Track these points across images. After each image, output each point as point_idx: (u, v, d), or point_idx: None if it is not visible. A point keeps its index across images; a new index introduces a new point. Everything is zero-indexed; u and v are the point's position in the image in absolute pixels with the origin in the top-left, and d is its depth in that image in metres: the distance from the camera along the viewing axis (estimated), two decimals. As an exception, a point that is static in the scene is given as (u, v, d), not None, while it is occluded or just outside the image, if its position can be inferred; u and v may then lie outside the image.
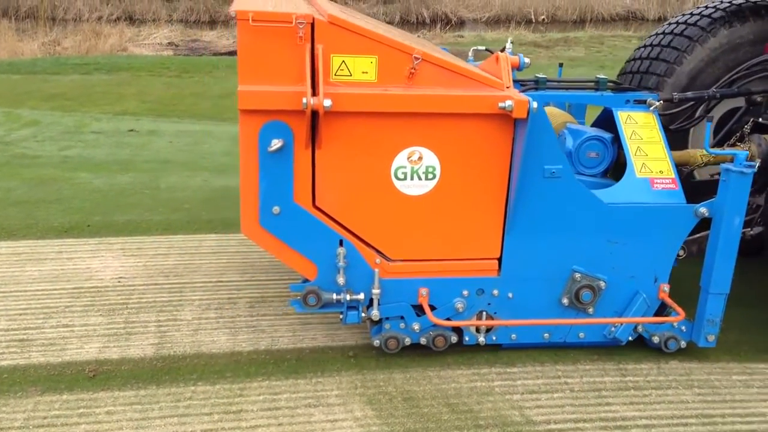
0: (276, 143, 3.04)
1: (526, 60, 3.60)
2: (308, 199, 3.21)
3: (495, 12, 29.22)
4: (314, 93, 2.95)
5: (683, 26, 4.50)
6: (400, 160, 3.20)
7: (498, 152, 3.25)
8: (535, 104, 3.06)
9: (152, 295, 4.08)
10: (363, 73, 3.08)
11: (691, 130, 4.37)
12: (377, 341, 3.49)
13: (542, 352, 3.66)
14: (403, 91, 3.10)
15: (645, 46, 4.64)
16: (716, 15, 4.45)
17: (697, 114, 4.17)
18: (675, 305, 3.54)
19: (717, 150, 3.70)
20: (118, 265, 4.45)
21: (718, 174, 3.68)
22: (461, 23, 28.21)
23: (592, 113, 4.21)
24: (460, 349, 3.63)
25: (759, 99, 4.23)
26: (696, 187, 3.99)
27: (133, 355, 3.48)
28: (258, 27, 2.94)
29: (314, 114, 2.96)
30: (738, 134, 4.17)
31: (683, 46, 4.37)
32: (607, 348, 3.72)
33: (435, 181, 3.25)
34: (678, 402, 3.31)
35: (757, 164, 3.60)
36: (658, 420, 3.16)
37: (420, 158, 3.21)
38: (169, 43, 18.68)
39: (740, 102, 4.38)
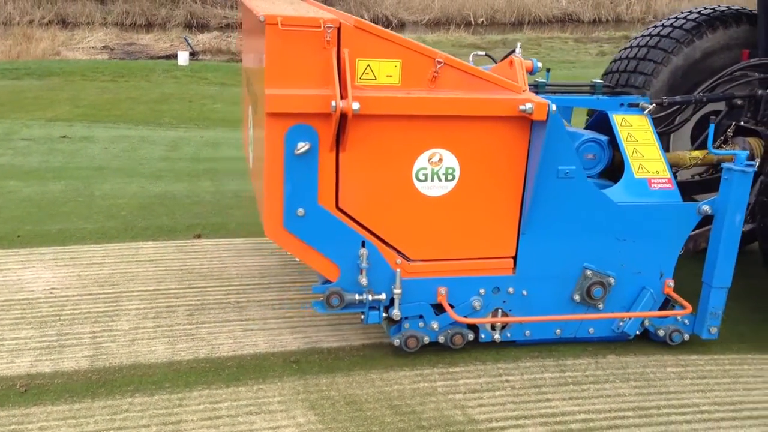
0: (303, 146, 3.06)
1: (539, 64, 3.68)
2: (332, 201, 3.23)
3: (435, 14, 29.47)
4: (342, 96, 2.98)
5: (669, 29, 4.70)
6: (422, 161, 3.27)
7: (515, 153, 3.34)
8: (554, 107, 3.17)
9: (86, 306, 3.96)
10: (387, 76, 3.13)
11: (672, 132, 4.52)
12: (397, 340, 3.52)
13: (483, 351, 3.69)
14: (426, 94, 3.16)
15: (631, 47, 4.84)
16: (700, 19, 4.67)
17: (680, 118, 4.34)
18: (681, 299, 3.69)
19: (720, 150, 3.87)
20: (50, 276, 4.31)
21: (699, 175, 3.82)
22: (402, 25, 28.35)
23: (577, 116, 4.27)
24: (403, 351, 3.63)
25: (740, 102, 4.40)
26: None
27: (66, 368, 3.37)
28: (287, 31, 2.96)
29: (342, 117, 3.00)
30: (722, 137, 4.31)
31: (669, 47, 4.57)
32: (547, 345, 3.78)
33: (454, 182, 3.33)
34: (615, 395, 3.38)
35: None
36: (596, 414, 3.22)
37: (440, 160, 3.28)
38: (104, 46, 18.25)
39: (717, 105, 4.53)
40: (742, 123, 4.33)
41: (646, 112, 3.82)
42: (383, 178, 3.26)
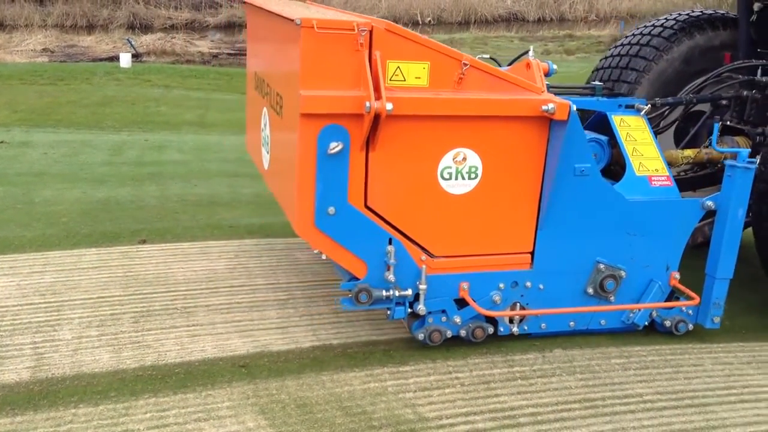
0: (336, 146, 3.14)
1: (555, 67, 3.77)
2: (361, 199, 3.31)
3: (382, 14, 29.51)
4: (376, 97, 3.06)
5: (660, 29, 4.94)
6: (447, 160, 3.37)
7: (534, 152, 3.46)
8: (575, 107, 3.31)
9: (27, 316, 3.85)
10: (416, 78, 3.22)
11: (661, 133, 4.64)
12: (421, 335, 3.59)
13: (434, 349, 3.72)
14: (453, 95, 3.26)
15: (618, 47, 5.07)
16: (687, 22, 4.93)
17: (666, 121, 4.53)
18: (688, 291, 3.87)
19: (723, 148, 4.03)
20: (-11, 286, 4.18)
21: (685, 173, 3.91)
22: (349, 26, 28.34)
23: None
24: (353, 352, 3.64)
25: (725, 103, 4.62)
26: None
27: (7, 381, 3.27)
28: (322, 34, 3.04)
29: (375, 117, 3.08)
30: (710, 137, 4.42)
31: (655, 52, 4.82)
32: (495, 341, 3.82)
33: (477, 181, 3.44)
34: (562, 388, 3.44)
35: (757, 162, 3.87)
36: (543, 407, 3.28)
37: (464, 159, 3.38)
38: (43, 49, 17.77)
39: (700, 106, 4.72)
40: (728, 123, 4.55)
41: (642, 113, 3.96)
42: (410, 177, 3.35)
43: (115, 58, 15.51)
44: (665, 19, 5.07)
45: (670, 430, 3.15)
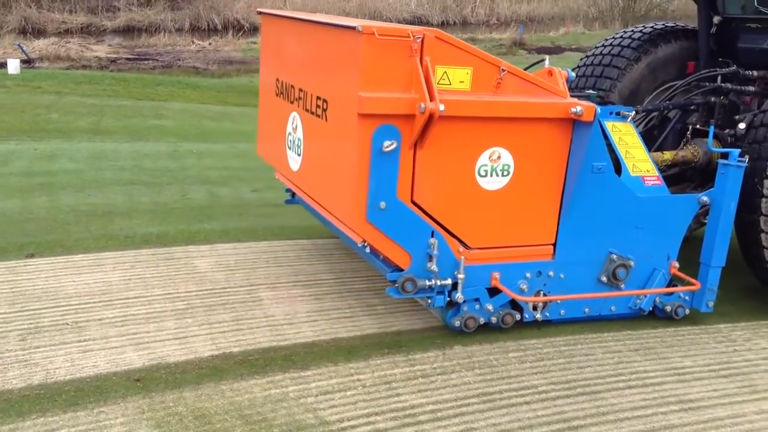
0: (390, 144, 3.39)
1: (573, 74, 4.03)
2: (408, 195, 3.56)
3: (286, 18, 29.29)
4: (430, 99, 3.31)
5: (629, 40, 5.38)
6: (483, 159, 3.64)
7: (559, 151, 3.77)
8: (599, 109, 3.64)
9: None
10: (460, 82, 3.50)
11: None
12: (457, 322, 3.86)
13: (335, 352, 3.72)
14: (493, 98, 3.55)
15: (594, 55, 5.50)
16: (653, 34, 5.40)
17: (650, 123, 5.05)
18: (688, 278, 4.20)
19: (716, 149, 4.38)
20: None
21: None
22: (254, 29, 28.01)
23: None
24: (254, 359, 3.59)
25: (693, 108, 5.06)
26: None
27: None
28: (382, 40, 3.30)
29: (428, 118, 3.32)
30: (686, 138, 4.93)
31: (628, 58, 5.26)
32: (396, 341, 3.86)
33: (509, 178, 3.72)
34: (461, 384, 3.50)
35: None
36: (443, 404, 3.33)
37: (499, 157, 3.66)
38: None
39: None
40: (697, 126, 4.96)
41: (629, 119, 4.21)
42: (452, 174, 3.62)
43: (2, 65, 14.75)
44: (632, 31, 5.53)
45: (563, 418, 3.26)
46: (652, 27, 5.51)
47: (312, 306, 4.24)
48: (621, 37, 5.53)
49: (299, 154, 4.19)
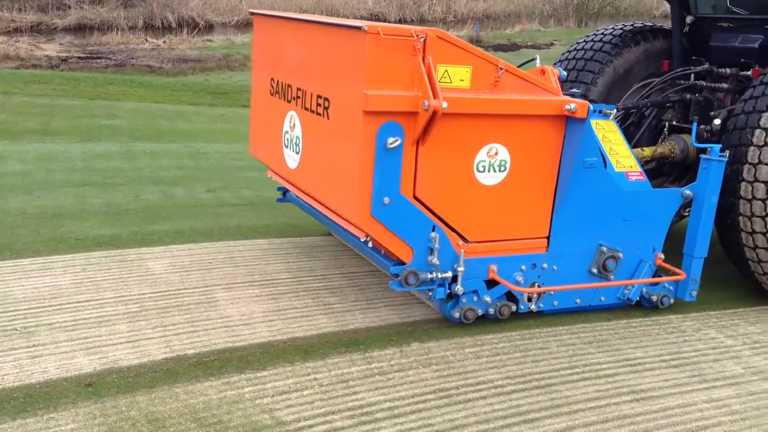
0: (394, 141, 3.47)
1: (565, 73, 4.17)
2: (410, 190, 3.66)
3: (243, 15, 29.07)
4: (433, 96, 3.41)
5: (610, 36, 5.57)
6: (482, 154, 3.75)
7: (553, 147, 3.89)
8: (591, 107, 3.76)
9: None
10: (460, 80, 3.61)
11: None
12: (456, 313, 3.97)
13: (292, 352, 3.69)
14: (492, 95, 3.67)
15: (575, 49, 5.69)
16: (632, 32, 5.63)
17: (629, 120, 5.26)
18: (673, 268, 4.36)
19: (700, 144, 4.48)
20: None
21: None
22: (209, 27, 27.67)
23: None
24: (209, 360, 3.55)
25: (669, 105, 5.25)
26: None
27: None
28: (387, 39, 3.38)
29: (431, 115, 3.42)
30: (664, 135, 5.13)
31: (603, 59, 5.48)
32: (354, 339, 3.86)
33: (505, 173, 3.83)
34: (418, 381, 3.51)
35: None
36: (400, 401, 3.33)
37: (496, 153, 3.78)
38: None
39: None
40: (674, 123, 5.18)
41: (611, 117, 4.29)
42: (452, 170, 3.72)
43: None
44: (613, 28, 5.73)
45: (518, 411, 3.29)
46: (626, 27, 5.69)
47: (268, 306, 4.21)
48: (603, 34, 5.70)
49: (297, 152, 4.24)
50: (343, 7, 30.83)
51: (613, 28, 5.79)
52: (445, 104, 3.41)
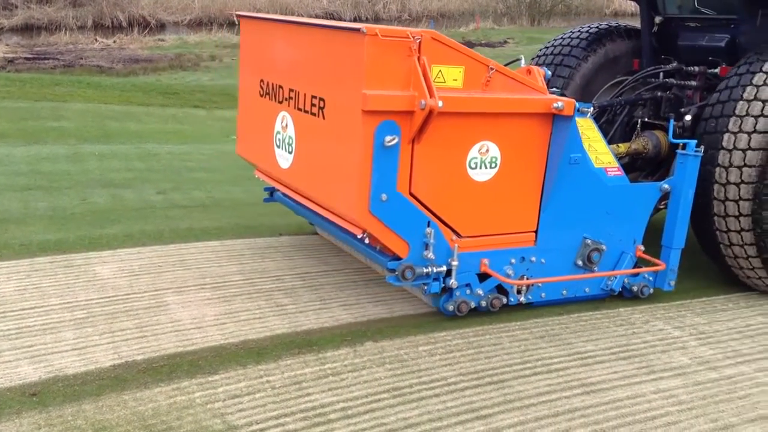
0: (391, 139, 3.57)
1: (549, 73, 4.25)
2: (406, 187, 3.76)
3: (196, 14, 28.69)
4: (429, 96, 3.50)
5: (585, 33, 5.77)
6: (474, 152, 3.87)
7: (540, 144, 4.03)
8: (576, 104, 3.92)
9: None
10: (453, 80, 3.71)
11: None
12: (450, 306, 4.07)
13: (244, 355, 3.65)
14: (484, 95, 3.78)
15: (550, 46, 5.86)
16: (604, 31, 5.82)
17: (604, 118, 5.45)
18: (653, 259, 4.52)
19: (677, 140, 4.55)
20: None
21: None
22: (161, 26, 27.24)
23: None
24: (158, 366, 3.49)
25: (641, 103, 5.41)
26: None
27: None
28: (384, 41, 3.48)
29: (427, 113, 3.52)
30: (636, 131, 5.28)
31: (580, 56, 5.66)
32: (307, 340, 3.84)
33: (496, 170, 3.95)
34: (372, 380, 3.50)
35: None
36: (354, 401, 3.32)
37: (487, 150, 3.90)
38: None
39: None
40: (646, 119, 5.34)
41: (588, 114, 4.35)
42: (446, 167, 3.83)
43: None
44: (588, 27, 5.92)
45: (471, 408, 3.31)
46: (597, 27, 5.88)
47: (220, 309, 4.16)
48: (579, 31, 5.88)
49: (290, 152, 4.30)
50: (297, 6, 30.65)
51: (589, 27, 5.95)
52: (440, 103, 3.51)
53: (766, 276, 4.65)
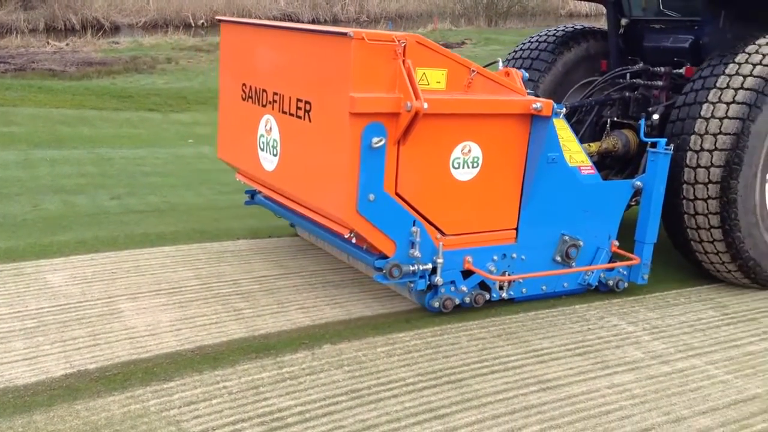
0: (378, 141, 3.65)
1: (527, 75, 4.40)
2: (392, 187, 3.83)
3: (151, 16, 28.31)
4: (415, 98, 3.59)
5: (553, 37, 5.96)
6: (457, 152, 3.97)
7: (520, 143, 4.15)
8: (555, 106, 4.04)
9: None
10: (437, 82, 3.81)
11: None
12: (436, 303, 4.14)
13: (200, 361, 3.61)
14: (466, 96, 3.88)
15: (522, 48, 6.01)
16: (573, 33, 5.98)
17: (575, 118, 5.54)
18: (628, 254, 4.67)
19: (648, 138, 4.66)
20: None
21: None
22: (115, 29, 26.81)
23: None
24: (112, 375, 3.43)
25: (610, 103, 5.53)
26: None
27: None
28: (371, 44, 3.57)
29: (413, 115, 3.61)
30: (606, 131, 5.39)
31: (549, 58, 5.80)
32: (264, 344, 3.81)
33: (477, 169, 4.06)
34: (330, 383, 3.49)
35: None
36: (312, 404, 3.30)
37: (469, 150, 4.00)
38: None
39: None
40: (615, 119, 5.44)
41: (561, 115, 4.38)
42: (430, 167, 3.92)
43: None
44: (556, 29, 6.06)
45: (429, 408, 3.32)
46: (565, 29, 6.02)
47: (176, 314, 4.10)
48: (546, 34, 6.01)
49: (275, 155, 4.35)
50: (254, 7, 30.43)
51: (555, 29, 6.10)
52: (426, 105, 3.59)
53: (736, 270, 4.79)
